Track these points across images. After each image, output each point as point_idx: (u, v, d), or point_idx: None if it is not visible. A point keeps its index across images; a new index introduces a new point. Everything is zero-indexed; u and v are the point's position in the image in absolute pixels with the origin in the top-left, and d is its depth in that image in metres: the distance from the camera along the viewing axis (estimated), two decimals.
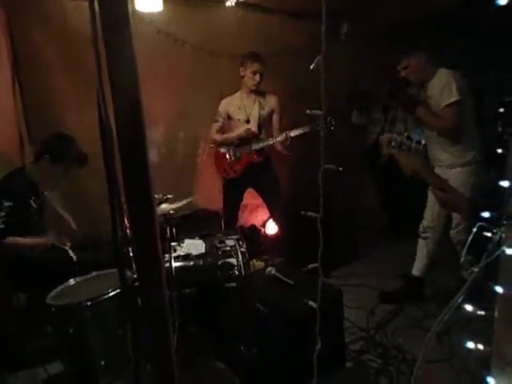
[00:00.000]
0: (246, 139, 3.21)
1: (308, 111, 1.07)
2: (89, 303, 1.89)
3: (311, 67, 0.88)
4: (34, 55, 3.02)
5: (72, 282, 2.14)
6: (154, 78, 3.16)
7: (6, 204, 2.26)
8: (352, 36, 4.00)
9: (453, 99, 2.48)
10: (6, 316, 2.50)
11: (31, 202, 2.45)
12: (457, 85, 2.49)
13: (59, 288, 2.07)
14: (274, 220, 3.61)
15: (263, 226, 4.08)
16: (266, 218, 4.05)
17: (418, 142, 1.55)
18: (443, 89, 2.53)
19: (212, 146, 3.44)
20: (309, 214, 1.02)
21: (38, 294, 2.09)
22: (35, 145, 3.02)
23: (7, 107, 2.93)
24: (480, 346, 1.28)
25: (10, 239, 2.27)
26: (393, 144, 1.56)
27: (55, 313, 1.93)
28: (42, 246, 2.41)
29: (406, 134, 1.58)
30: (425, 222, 2.85)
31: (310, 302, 1.78)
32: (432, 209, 2.80)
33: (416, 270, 2.92)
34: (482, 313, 1.26)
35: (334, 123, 2.91)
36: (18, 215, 2.32)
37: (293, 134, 3.06)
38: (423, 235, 2.85)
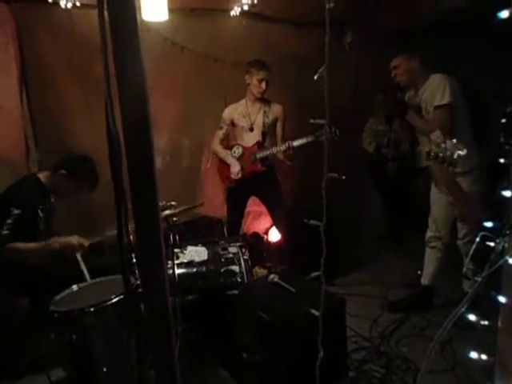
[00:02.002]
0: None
1: (312, 120, 1.08)
2: (92, 309, 1.88)
3: (315, 78, 0.90)
4: (42, 62, 3.06)
5: (75, 287, 2.14)
6: (159, 85, 3.19)
7: (15, 212, 2.26)
8: (356, 45, 4.03)
9: (444, 101, 2.48)
10: (7, 322, 2.50)
11: (39, 211, 2.45)
12: (451, 89, 2.49)
13: (62, 294, 2.06)
14: (277, 228, 3.61)
15: (266, 233, 4.08)
16: (268, 225, 4.05)
17: (453, 153, 1.55)
18: (435, 91, 2.54)
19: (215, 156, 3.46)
20: (311, 222, 1.02)
21: (40, 299, 2.09)
22: (42, 152, 3.06)
23: (14, 114, 2.97)
24: (483, 356, 1.27)
25: (11, 245, 2.26)
26: (430, 157, 1.56)
27: (58, 319, 1.93)
28: (46, 251, 2.39)
29: (443, 146, 1.58)
30: (430, 233, 2.84)
31: (313, 311, 1.78)
32: (436, 219, 2.79)
33: (424, 279, 2.90)
34: (486, 323, 1.25)
35: (338, 133, 2.91)
36: (26, 223, 2.32)
37: (296, 143, 3.05)
38: (430, 245, 2.85)
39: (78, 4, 2.93)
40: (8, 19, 2.89)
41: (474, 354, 1.29)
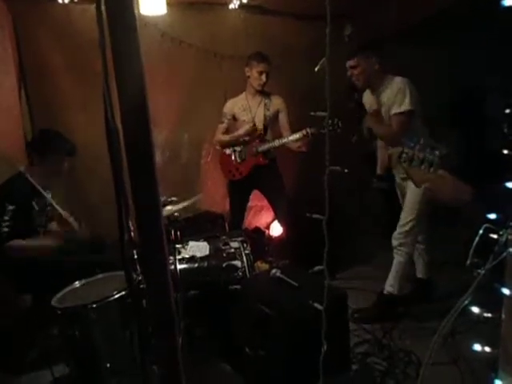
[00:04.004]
0: (253, 137, 3.21)
1: (312, 113, 1.07)
2: (94, 305, 1.89)
3: (316, 69, 0.89)
4: (39, 59, 3.05)
5: (77, 284, 2.14)
6: (157, 80, 3.18)
7: (10, 207, 2.27)
8: (355, 37, 4.00)
9: (404, 108, 2.43)
10: (10, 318, 2.51)
11: (33, 204, 2.45)
12: (410, 94, 2.44)
13: (65, 290, 2.07)
14: (278, 221, 3.61)
15: (267, 227, 4.08)
16: (270, 219, 4.05)
17: (432, 152, 1.48)
18: (395, 96, 2.47)
19: (218, 147, 3.43)
20: (314, 215, 1.02)
21: (43, 295, 2.09)
22: None
23: (13, 111, 2.96)
24: (487, 349, 1.27)
25: (16, 242, 2.28)
26: (403, 160, 1.49)
27: (61, 315, 1.94)
28: (48, 248, 2.42)
29: (417, 147, 1.50)
30: None
31: (316, 304, 1.78)
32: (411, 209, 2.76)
33: (418, 273, 2.92)
34: (489, 315, 1.25)
35: (340, 125, 2.89)
36: (22, 218, 2.33)
37: (309, 131, 3.01)
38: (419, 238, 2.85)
39: None
40: (5, 15, 2.88)
41: (477, 347, 1.29)
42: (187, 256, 2.52)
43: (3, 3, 2.86)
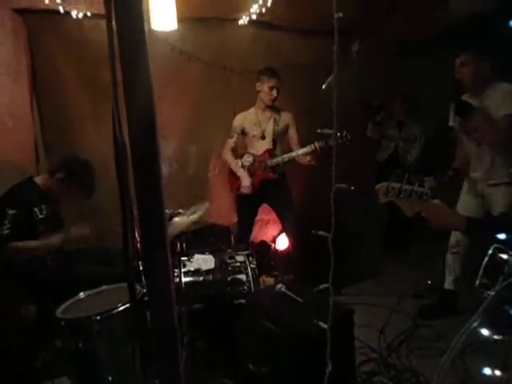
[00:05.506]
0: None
1: (319, 130, 1.07)
2: (98, 317, 1.87)
3: (323, 87, 0.89)
4: (52, 71, 3.12)
5: (82, 295, 2.13)
6: (167, 94, 3.21)
7: (10, 212, 2.30)
8: (363, 53, 4.03)
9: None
10: (14, 329, 2.51)
11: (36, 210, 2.46)
12: None
13: (69, 302, 2.06)
14: (286, 236, 3.59)
15: (273, 241, 4.06)
16: (276, 233, 4.03)
17: (421, 185, 1.49)
18: (504, 99, 2.42)
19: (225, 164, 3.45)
20: (320, 233, 1.01)
21: (48, 306, 2.09)
22: (50, 157, 3.09)
23: (25, 120, 3.01)
24: (497, 372, 1.24)
25: (20, 243, 2.29)
26: (390, 194, 1.50)
27: (64, 327, 1.93)
28: (53, 247, 2.44)
29: (405, 180, 1.51)
30: (453, 237, 2.80)
31: (321, 323, 1.75)
32: None
33: (449, 285, 2.87)
34: (499, 337, 1.22)
35: (349, 137, 2.89)
36: (23, 223, 2.35)
37: (318, 145, 3.03)
38: (453, 250, 2.81)
39: (88, 14, 2.97)
40: (20, 29, 2.95)
41: (487, 370, 1.26)
42: (192, 269, 2.50)
43: (19, 16, 2.93)
